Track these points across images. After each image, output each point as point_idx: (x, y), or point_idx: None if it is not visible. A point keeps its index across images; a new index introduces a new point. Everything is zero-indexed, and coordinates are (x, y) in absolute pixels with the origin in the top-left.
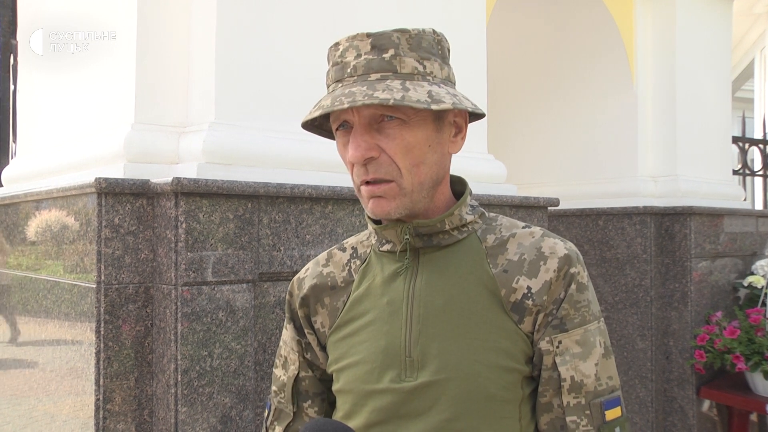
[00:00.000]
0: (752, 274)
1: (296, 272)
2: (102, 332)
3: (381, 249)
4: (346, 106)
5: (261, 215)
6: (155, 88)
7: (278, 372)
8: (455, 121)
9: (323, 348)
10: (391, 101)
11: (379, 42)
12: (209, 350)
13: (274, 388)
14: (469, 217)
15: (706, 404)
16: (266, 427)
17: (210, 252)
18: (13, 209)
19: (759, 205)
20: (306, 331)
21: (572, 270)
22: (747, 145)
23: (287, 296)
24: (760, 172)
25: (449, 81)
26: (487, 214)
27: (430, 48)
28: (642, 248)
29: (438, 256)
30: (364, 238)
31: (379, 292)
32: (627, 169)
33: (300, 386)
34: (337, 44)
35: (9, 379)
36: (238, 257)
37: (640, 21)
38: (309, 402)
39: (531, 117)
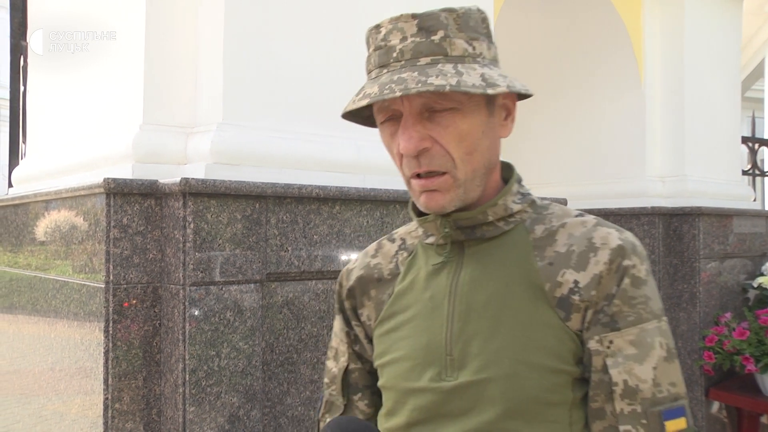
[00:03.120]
0: (762, 275)
1: (303, 272)
2: (110, 332)
3: (426, 241)
4: (398, 94)
5: (269, 215)
6: (163, 89)
7: (330, 364)
8: (505, 103)
9: (370, 341)
10: (447, 87)
11: (426, 23)
12: (217, 350)
13: (326, 379)
14: (517, 207)
15: (716, 406)
16: (318, 420)
17: (218, 252)
18: (23, 209)
19: None
20: (353, 323)
21: (626, 262)
22: (756, 146)
23: (336, 287)
24: None
25: (496, 61)
26: (538, 201)
27: (477, 27)
28: (650, 249)
29: (483, 249)
30: (413, 229)
31: (422, 286)
32: (635, 169)
33: (350, 378)
34: (378, 26)
35: (19, 378)
36: (246, 257)
37: (649, 21)
38: (359, 395)
39: (538, 117)
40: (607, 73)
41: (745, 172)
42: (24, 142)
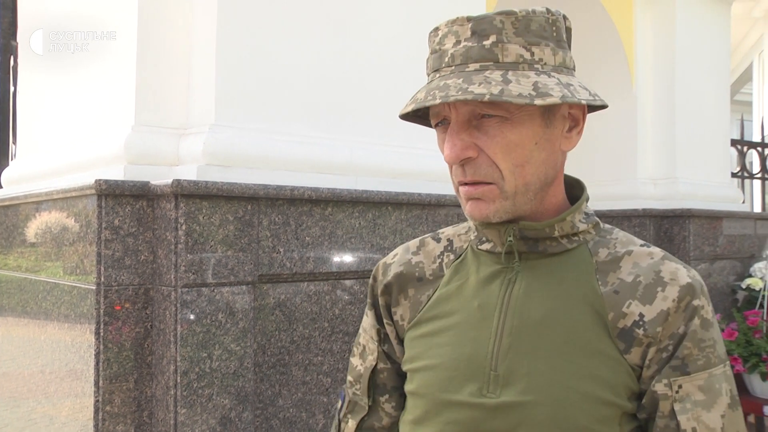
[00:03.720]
0: (750, 276)
1: (296, 274)
2: (101, 334)
3: (479, 247)
4: (438, 101)
5: (261, 217)
6: (156, 90)
7: (355, 361)
8: (570, 113)
9: (401, 342)
10: (487, 96)
11: (479, 27)
12: (209, 352)
13: (349, 378)
14: (582, 226)
15: None
16: (339, 419)
17: (210, 254)
18: (13, 211)
19: (757, 208)
20: (385, 321)
21: (695, 302)
22: (745, 148)
23: (371, 280)
24: (759, 175)
25: (564, 67)
26: (602, 225)
27: (540, 31)
28: None
29: (542, 264)
30: (463, 232)
31: (470, 294)
32: (626, 171)
33: (377, 378)
34: (436, 29)
35: (8, 381)
36: (238, 259)
37: (640, 24)
38: (386, 396)
39: None
40: (598, 76)
41: (734, 175)
42: (14, 142)
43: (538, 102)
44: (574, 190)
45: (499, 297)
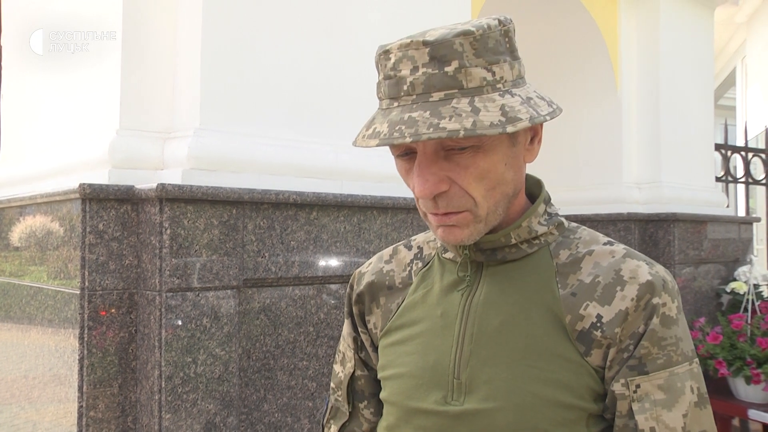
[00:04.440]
0: (735, 280)
1: (281, 278)
2: (85, 338)
3: (443, 255)
4: (408, 140)
5: (246, 221)
6: (140, 94)
7: (337, 368)
8: (532, 126)
9: (376, 349)
10: (462, 133)
11: (439, 52)
12: (193, 356)
13: (332, 384)
14: (542, 229)
15: None
16: (323, 425)
17: (194, 258)
18: None
19: (741, 212)
20: (360, 329)
21: (655, 300)
22: (729, 153)
23: (347, 289)
24: (742, 179)
25: (520, 78)
26: (566, 224)
27: (497, 47)
28: None
29: (502, 271)
30: (432, 239)
31: (434, 302)
32: (611, 175)
33: (356, 385)
34: (387, 52)
35: None
36: (223, 263)
37: (624, 28)
38: (365, 403)
39: None
40: (583, 79)
41: (718, 179)
42: None
43: (509, 129)
44: (534, 189)
45: (460, 305)
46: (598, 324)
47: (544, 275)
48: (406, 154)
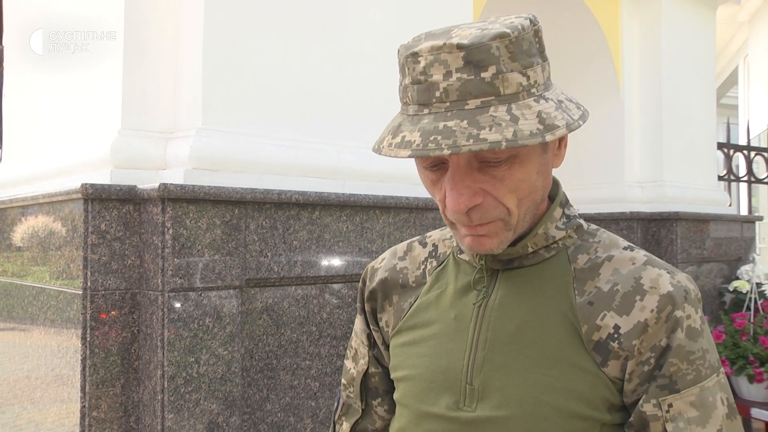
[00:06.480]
0: (737, 278)
1: (283, 278)
2: (88, 339)
3: (459, 255)
4: (447, 152)
5: (248, 221)
6: (142, 94)
7: (348, 364)
8: None
9: (387, 348)
10: (504, 144)
11: (475, 57)
12: (196, 356)
13: (343, 381)
14: (560, 233)
15: None
16: (334, 422)
17: (197, 258)
18: None
19: (744, 211)
20: (372, 327)
21: (678, 313)
22: (732, 151)
23: (360, 284)
24: (745, 178)
25: (549, 80)
26: (585, 226)
27: (530, 49)
28: None
29: (518, 275)
30: (448, 237)
31: (448, 304)
32: (614, 174)
33: (369, 382)
34: (415, 54)
35: None
36: (225, 263)
37: (626, 26)
38: (378, 400)
39: None
40: (585, 79)
41: (720, 178)
42: (0, 147)
43: (548, 138)
44: (552, 189)
45: (475, 309)
46: (616, 335)
47: (561, 281)
48: (435, 165)
